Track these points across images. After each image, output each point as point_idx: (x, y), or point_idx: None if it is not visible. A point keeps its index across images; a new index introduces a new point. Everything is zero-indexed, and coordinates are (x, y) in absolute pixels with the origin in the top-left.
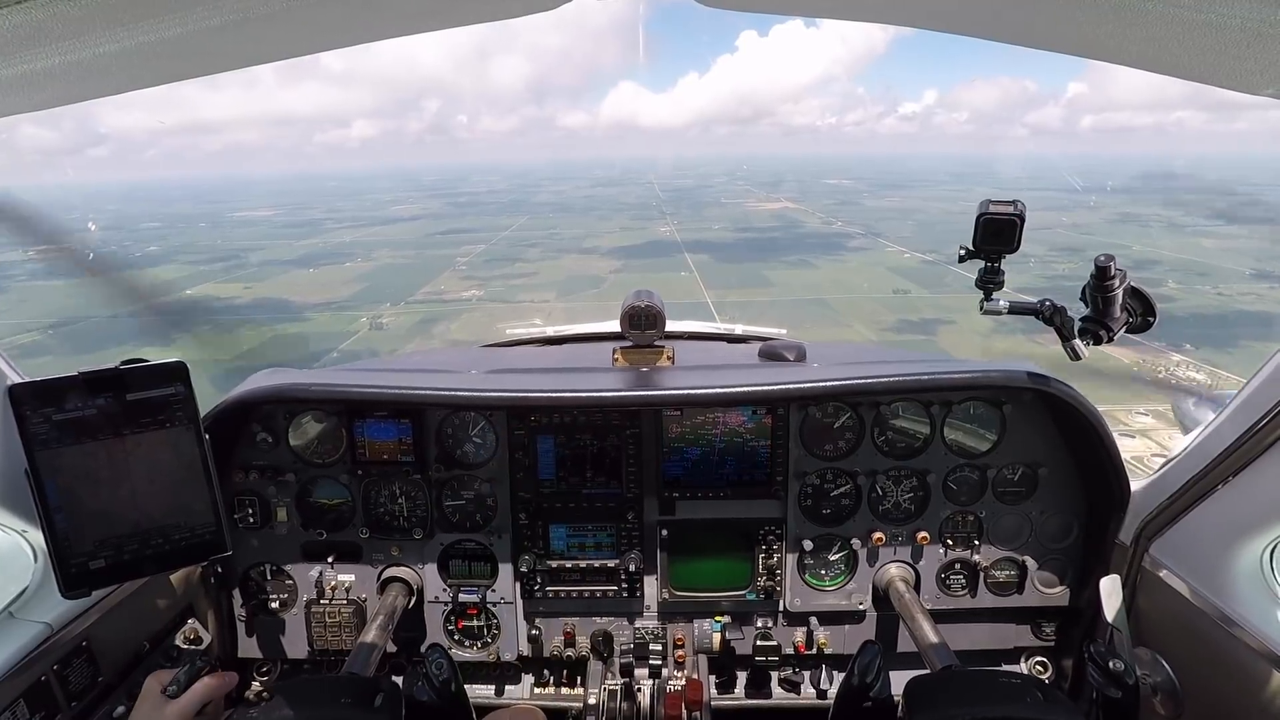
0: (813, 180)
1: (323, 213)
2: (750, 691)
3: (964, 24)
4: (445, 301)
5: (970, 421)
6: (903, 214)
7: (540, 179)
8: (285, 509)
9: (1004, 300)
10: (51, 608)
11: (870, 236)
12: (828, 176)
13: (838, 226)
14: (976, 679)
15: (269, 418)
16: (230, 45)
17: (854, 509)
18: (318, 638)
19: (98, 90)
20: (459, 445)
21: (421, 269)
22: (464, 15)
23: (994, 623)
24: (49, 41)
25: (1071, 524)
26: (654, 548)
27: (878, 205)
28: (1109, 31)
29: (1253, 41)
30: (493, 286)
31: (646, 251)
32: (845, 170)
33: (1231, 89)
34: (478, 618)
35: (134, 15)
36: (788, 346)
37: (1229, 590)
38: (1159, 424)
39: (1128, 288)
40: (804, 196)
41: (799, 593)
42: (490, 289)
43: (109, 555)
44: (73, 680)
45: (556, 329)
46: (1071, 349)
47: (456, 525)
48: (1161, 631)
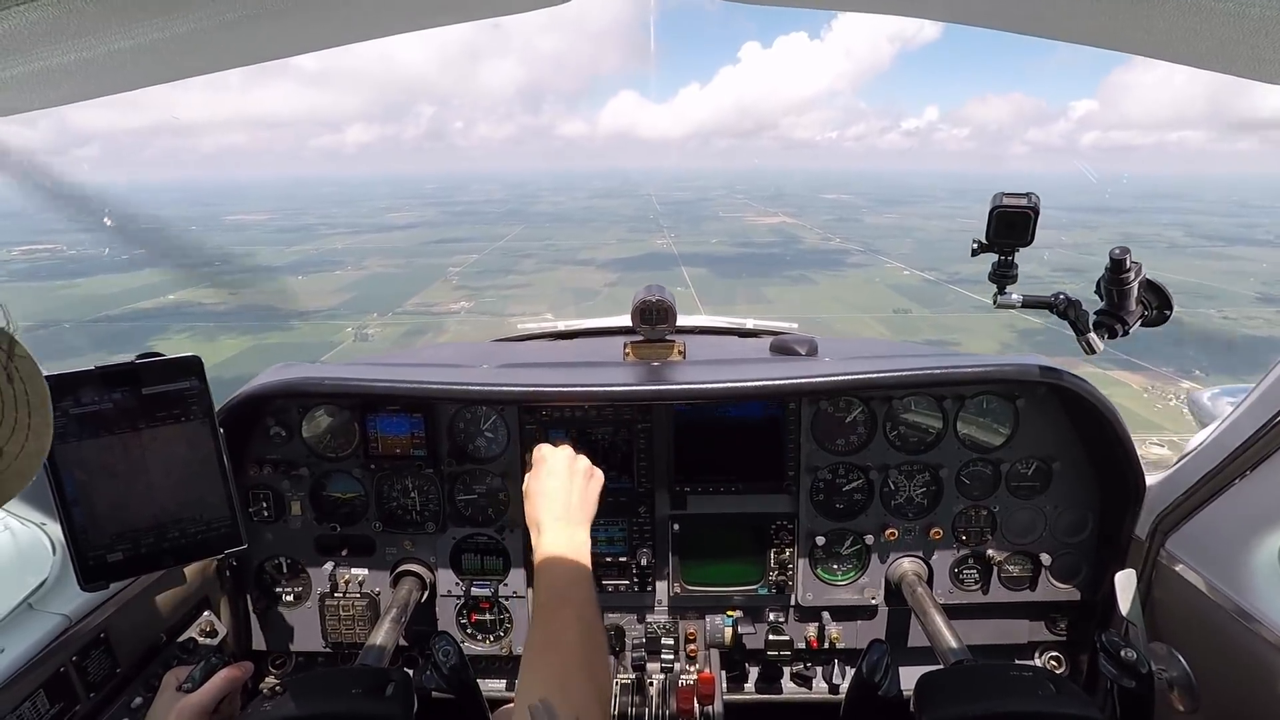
0: (811, 195)
1: (317, 218)
2: (762, 686)
3: (977, 14)
4: (433, 313)
5: (983, 416)
6: (902, 231)
7: (539, 189)
8: (299, 503)
9: (1017, 294)
10: (70, 600)
11: (869, 253)
12: (826, 191)
13: (836, 243)
14: (988, 673)
15: (282, 412)
16: (244, 41)
17: (866, 504)
18: (332, 631)
19: (112, 86)
20: (471, 439)
21: (412, 278)
22: (475, 9)
23: (1007, 618)
24: (65, 38)
25: (1086, 518)
26: (665, 542)
27: (877, 222)
28: (1125, 21)
29: (1272, 30)
30: (484, 298)
31: (643, 264)
32: (844, 185)
33: (1251, 78)
34: (490, 611)
35: (149, 11)
36: (799, 341)
37: (1246, 585)
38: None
39: (1143, 280)
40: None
41: (811, 587)
42: (481, 301)
43: (126, 548)
44: (91, 671)
45: (567, 323)
46: (1086, 343)
47: (469, 519)
48: (1177, 626)
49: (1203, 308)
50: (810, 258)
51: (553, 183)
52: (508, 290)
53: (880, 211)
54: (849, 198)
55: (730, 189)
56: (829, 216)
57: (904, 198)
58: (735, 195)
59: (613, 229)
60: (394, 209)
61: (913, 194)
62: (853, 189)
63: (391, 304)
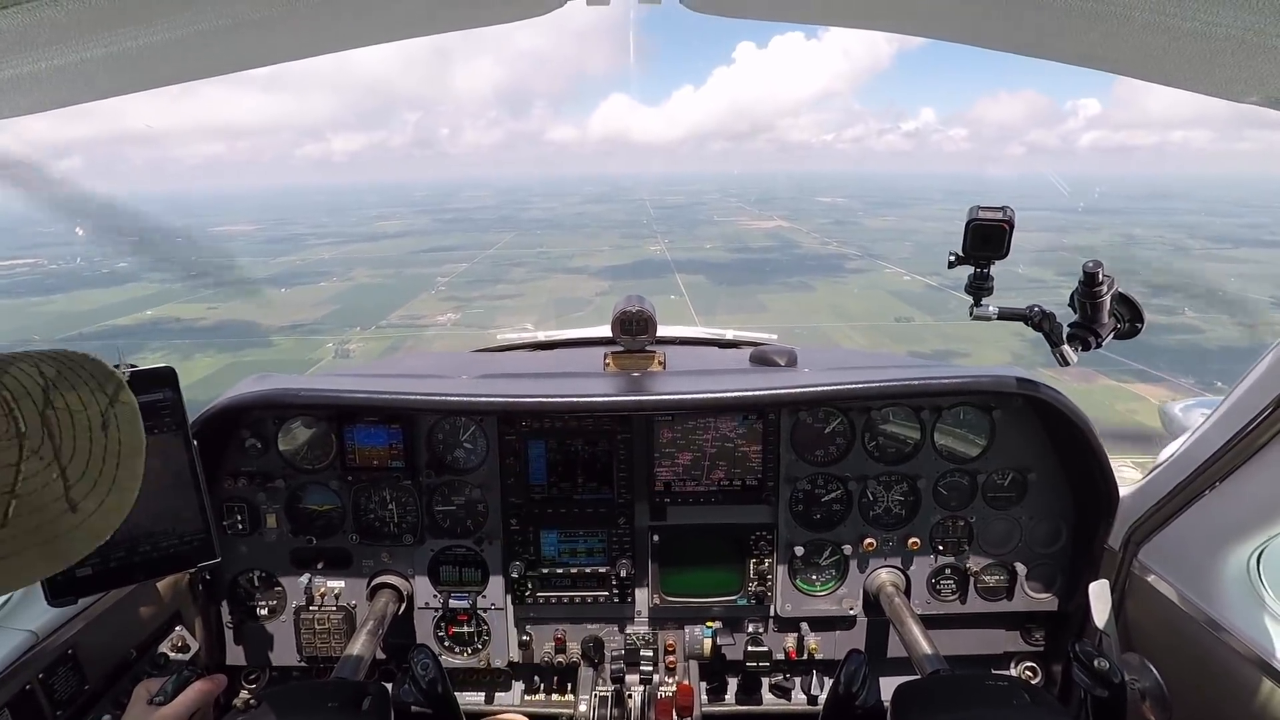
0: (806, 198)
1: (306, 228)
2: (741, 697)
3: (952, 31)
4: (418, 326)
5: (960, 427)
6: (900, 234)
7: (531, 195)
8: (274, 515)
9: (993, 306)
10: (37, 615)
11: (868, 258)
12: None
13: (833, 247)
14: (964, 683)
15: (258, 423)
16: (221, 51)
17: (845, 514)
18: (307, 645)
19: (84, 95)
20: (450, 451)
21: (399, 289)
22: (457, 20)
23: (984, 628)
24: (35, 47)
25: (1060, 529)
26: (645, 553)
27: (874, 225)
28: (1096, 39)
29: (1237, 49)
30: (472, 309)
31: (636, 271)
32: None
33: (1217, 97)
34: (468, 624)
35: (121, 21)
36: (779, 352)
37: (1217, 595)
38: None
39: (1115, 293)
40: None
41: (790, 598)
42: (469, 312)
43: (96, 562)
44: (58, 689)
45: (548, 334)
46: (1060, 355)
47: (447, 531)
48: (1150, 636)
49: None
50: (809, 263)
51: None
52: (497, 300)
53: (877, 214)
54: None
55: (724, 192)
56: (825, 220)
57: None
58: (729, 199)
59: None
60: (384, 217)
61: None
62: (848, 191)
63: (375, 317)
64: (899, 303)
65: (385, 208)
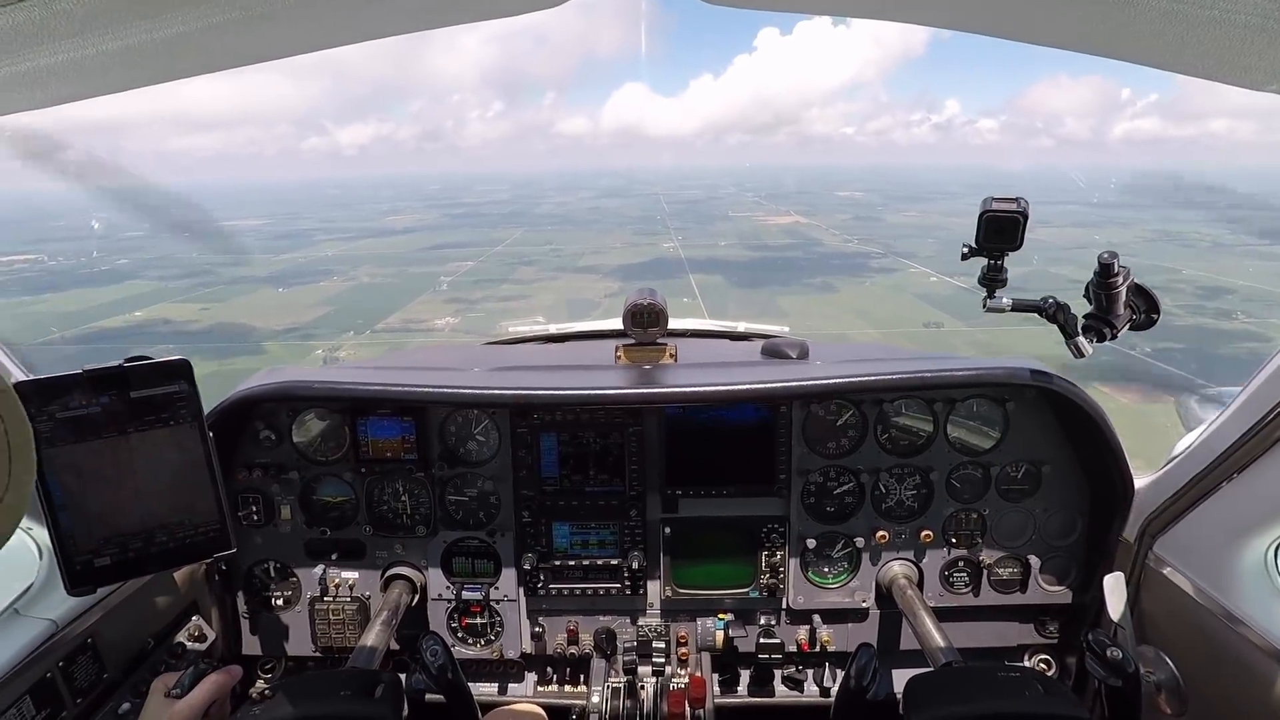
0: (825, 192)
1: (315, 223)
2: (753, 689)
3: (966, 20)
4: (415, 331)
5: (973, 419)
6: (923, 230)
7: (545, 189)
8: (289, 507)
9: (1007, 298)
10: (56, 605)
11: (892, 256)
12: (840, 189)
13: (855, 245)
14: (976, 675)
15: (272, 415)
16: (232, 43)
17: (857, 507)
18: (321, 635)
19: (98, 88)
20: (462, 443)
21: (400, 290)
22: (465, 12)
23: (997, 620)
24: (52, 39)
25: (1075, 521)
26: (657, 546)
27: (896, 220)
28: (1113, 28)
29: (1256, 37)
30: (474, 313)
31: (648, 271)
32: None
33: (1236, 85)
34: (481, 615)
35: (137, 13)
36: (790, 344)
37: (1233, 588)
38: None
39: (1131, 285)
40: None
41: (802, 590)
42: (470, 316)
43: (114, 553)
44: (78, 677)
45: (559, 327)
46: (1075, 346)
47: (459, 523)
48: (1165, 629)
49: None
50: (831, 263)
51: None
52: (501, 303)
53: (899, 209)
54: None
55: (740, 186)
56: (845, 215)
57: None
58: (745, 193)
59: (618, 231)
60: (395, 211)
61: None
62: (868, 185)
63: (372, 320)
64: (927, 306)
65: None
